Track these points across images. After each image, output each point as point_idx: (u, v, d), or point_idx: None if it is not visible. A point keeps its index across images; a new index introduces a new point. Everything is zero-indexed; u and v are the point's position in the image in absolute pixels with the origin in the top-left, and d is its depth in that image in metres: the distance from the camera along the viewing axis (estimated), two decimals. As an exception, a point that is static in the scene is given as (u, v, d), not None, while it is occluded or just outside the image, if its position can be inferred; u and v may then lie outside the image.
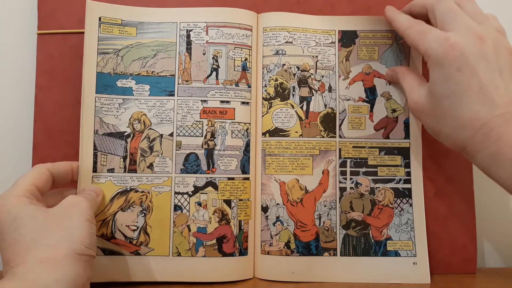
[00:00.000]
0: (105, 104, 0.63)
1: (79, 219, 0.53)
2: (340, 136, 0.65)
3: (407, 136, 0.65)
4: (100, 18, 0.64)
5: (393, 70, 0.65)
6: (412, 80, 0.61)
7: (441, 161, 0.67)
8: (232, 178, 0.64)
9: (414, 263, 0.64)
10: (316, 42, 0.66)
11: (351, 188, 0.65)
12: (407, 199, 0.65)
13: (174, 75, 0.64)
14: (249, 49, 0.65)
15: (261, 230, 0.64)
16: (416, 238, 0.64)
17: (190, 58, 0.65)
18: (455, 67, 0.52)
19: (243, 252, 0.63)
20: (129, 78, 0.64)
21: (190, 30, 0.65)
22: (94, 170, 0.62)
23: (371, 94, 0.66)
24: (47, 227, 0.51)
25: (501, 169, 0.50)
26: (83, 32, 0.64)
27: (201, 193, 0.63)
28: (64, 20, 0.68)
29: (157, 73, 0.64)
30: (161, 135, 0.64)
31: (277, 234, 0.63)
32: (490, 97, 0.51)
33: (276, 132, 0.65)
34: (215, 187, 0.63)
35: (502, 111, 0.50)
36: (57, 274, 0.47)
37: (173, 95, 0.64)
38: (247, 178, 0.64)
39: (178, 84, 0.64)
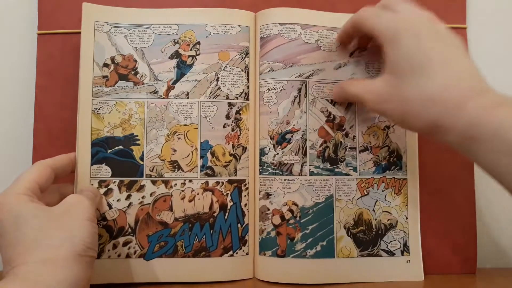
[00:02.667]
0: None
1: (81, 219, 0.52)
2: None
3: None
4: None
5: (339, 87, 0.63)
6: (361, 81, 0.60)
7: (441, 160, 0.67)
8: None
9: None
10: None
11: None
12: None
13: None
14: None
15: (260, 230, 0.64)
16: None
17: (187, 59, 0.65)
18: (412, 42, 0.51)
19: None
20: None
21: (188, 31, 0.66)
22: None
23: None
24: (49, 227, 0.50)
25: (481, 144, 0.47)
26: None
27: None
28: (64, 20, 0.68)
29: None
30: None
31: (276, 234, 0.63)
32: (455, 70, 0.49)
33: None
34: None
35: (471, 83, 0.49)
36: (58, 275, 0.47)
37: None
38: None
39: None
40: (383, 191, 0.65)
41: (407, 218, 0.65)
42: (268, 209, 0.63)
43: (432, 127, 0.51)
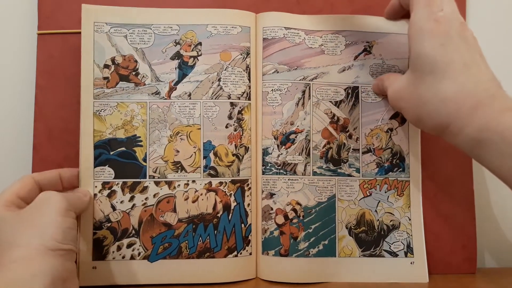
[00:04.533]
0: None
1: (51, 214, 0.52)
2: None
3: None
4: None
5: (379, 79, 0.65)
6: (393, 75, 0.62)
7: (441, 161, 0.67)
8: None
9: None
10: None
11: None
12: (405, 198, 0.66)
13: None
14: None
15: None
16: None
17: (188, 60, 0.65)
18: (438, 41, 0.52)
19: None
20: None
21: (189, 32, 0.66)
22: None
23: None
24: (20, 228, 0.51)
25: (489, 147, 0.49)
26: (83, 32, 0.65)
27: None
28: (64, 20, 0.67)
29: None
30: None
31: (278, 234, 0.64)
32: (474, 73, 0.51)
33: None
34: (216, 187, 0.64)
35: (486, 86, 0.50)
36: (32, 270, 0.47)
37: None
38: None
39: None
40: (385, 192, 0.65)
41: (410, 219, 0.65)
42: (272, 209, 0.64)
43: (443, 128, 0.53)
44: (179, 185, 0.63)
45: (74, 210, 0.56)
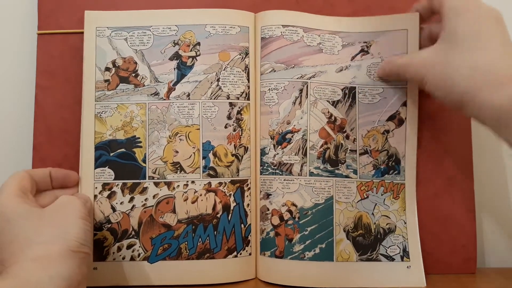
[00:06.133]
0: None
1: (73, 216, 0.53)
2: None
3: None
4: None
5: (387, 61, 0.64)
6: (408, 54, 0.63)
7: (441, 161, 0.67)
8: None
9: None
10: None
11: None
12: (400, 202, 0.66)
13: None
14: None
15: (262, 231, 0.64)
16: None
17: (188, 61, 0.65)
18: (476, 15, 0.53)
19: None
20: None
21: (187, 32, 0.66)
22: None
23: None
24: (40, 226, 0.51)
25: None
26: (83, 32, 0.65)
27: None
28: (64, 20, 0.68)
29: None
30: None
31: (277, 236, 0.64)
32: (510, 50, 0.51)
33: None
34: (216, 188, 0.64)
35: None
36: (50, 271, 0.47)
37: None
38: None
39: (177, 86, 0.65)
40: (382, 194, 0.65)
41: (405, 223, 0.65)
42: (268, 209, 0.64)
43: (468, 98, 0.52)
44: (178, 185, 0.63)
45: (90, 215, 0.57)
